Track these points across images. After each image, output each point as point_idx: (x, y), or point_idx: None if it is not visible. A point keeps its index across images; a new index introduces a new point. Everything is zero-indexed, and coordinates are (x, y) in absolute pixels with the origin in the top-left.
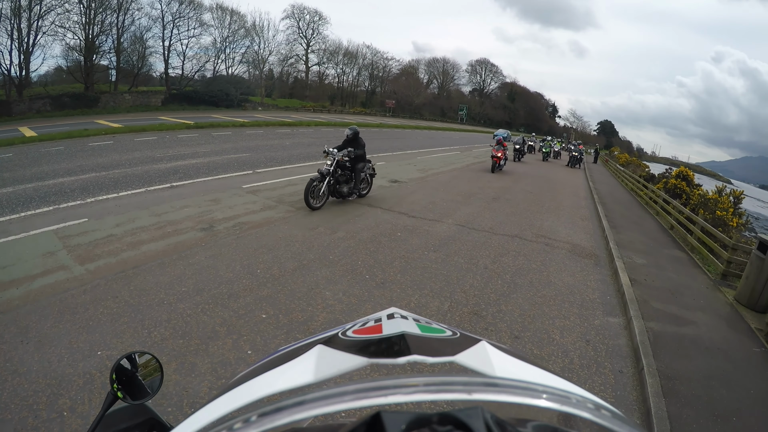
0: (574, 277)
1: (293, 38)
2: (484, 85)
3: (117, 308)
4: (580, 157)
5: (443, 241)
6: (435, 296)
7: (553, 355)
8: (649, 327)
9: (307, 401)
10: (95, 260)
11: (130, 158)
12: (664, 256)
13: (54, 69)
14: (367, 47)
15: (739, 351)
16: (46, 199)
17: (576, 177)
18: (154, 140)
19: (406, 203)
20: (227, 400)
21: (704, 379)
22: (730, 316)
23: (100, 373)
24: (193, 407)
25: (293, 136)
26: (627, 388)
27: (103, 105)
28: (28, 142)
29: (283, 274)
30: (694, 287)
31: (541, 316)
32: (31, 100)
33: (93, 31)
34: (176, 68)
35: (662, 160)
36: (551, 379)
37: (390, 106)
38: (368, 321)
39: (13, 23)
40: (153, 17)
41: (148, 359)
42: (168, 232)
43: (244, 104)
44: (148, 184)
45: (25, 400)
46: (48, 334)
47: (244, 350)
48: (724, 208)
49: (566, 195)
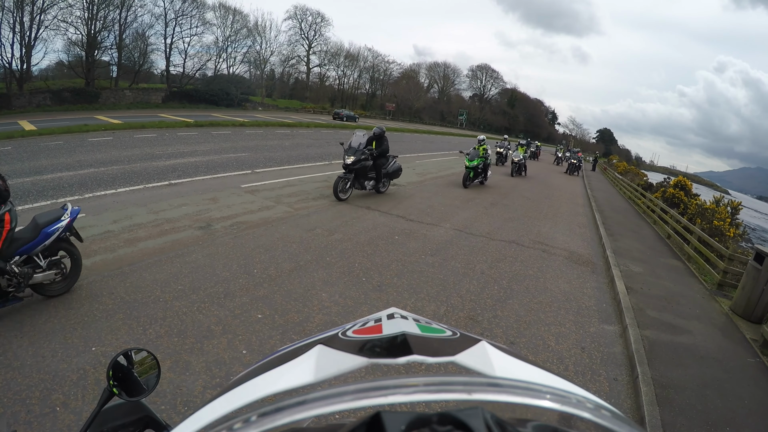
0: (571, 284)
1: (295, 39)
2: (485, 90)
3: (112, 304)
4: (578, 164)
5: (440, 246)
6: (431, 300)
7: (548, 362)
8: (645, 335)
9: (307, 401)
10: (92, 256)
11: (129, 155)
12: (661, 265)
13: (55, 63)
14: (369, 50)
15: (733, 361)
16: (44, 193)
17: (574, 184)
18: (154, 137)
19: (403, 207)
20: (227, 400)
21: (699, 388)
22: (725, 325)
23: (94, 369)
24: (186, 405)
25: (293, 137)
26: (621, 395)
27: (104, 101)
28: (28, 135)
29: (279, 274)
30: (690, 296)
31: (537, 322)
32: (32, 94)
33: (95, 26)
34: (177, 66)
35: (660, 170)
36: (551, 379)
37: (390, 110)
38: (368, 321)
39: (15, 16)
40: (156, 14)
41: (145, 356)
42: (165, 230)
43: (245, 104)
44: (147, 181)
45: (18, 394)
46: (42, 328)
47: (239, 350)
48: (721, 218)
49: (564, 202)
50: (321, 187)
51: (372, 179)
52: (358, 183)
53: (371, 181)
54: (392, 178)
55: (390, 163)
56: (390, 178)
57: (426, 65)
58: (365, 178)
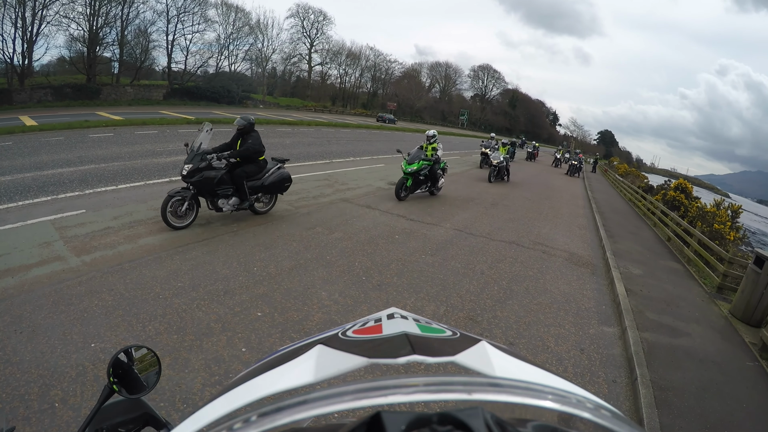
0: (571, 285)
1: (297, 37)
2: (486, 90)
3: (112, 301)
4: (579, 166)
5: (440, 245)
6: (431, 300)
7: (547, 363)
8: (644, 337)
9: (307, 401)
10: (92, 252)
11: (130, 151)
12: (661, 267)
13: (57, 59)
14: (371, 49)
15: (732, 364)
16: (45, 189)
17: (575, 185)
18: (155, 134)
19: (404, 206)
20: (227, 399)
21: (697, 391)
22: (724, 329)
23: (93, 366)
24: (185, 403)
25: (293, 135)
26: (620, 398)
27: (105, 97)
28: (29, 131)
29: (279, 272)
30: (690, 299)
31: (537, 323)
32: (33, 89)
33: (97, 22)
34: (179, 63)
35: (661, 172)
36: (551, 379)
37: (391, 109)
38: (368, 321)
39: (17, 11)
40: (158, 11)
41: (146, 353)
42: (165, 227)
43: (246, 101)
44: (147, 178)
45: (17, 390)
46: (42, 324)
47: (239, 348)
48: (721, 222)
49: (564, 203)
50: (321, 185)
51: (230, 195)
52: (210, 202)
53: (231, 199)
54: (274, 191)
55: (268, 172)
56: (270, 191)
57: (428, 65)
58: (216, 196)
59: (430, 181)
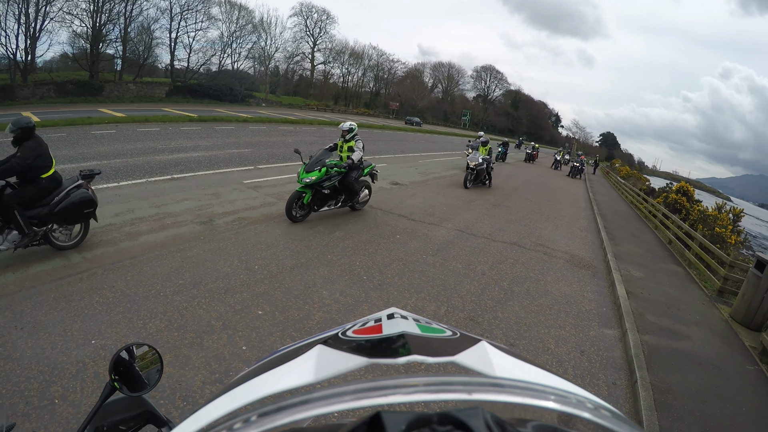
0: (571, 287)
1: (300, 36)
2: (489, 91)
3: (113, 298)
4: (581, 167)
5: (442, 246)
6: (432, 300)
7: (547, 365)
8: (644, 340)
9: (307, 401)
10: (92, 249)
11: (131, 148)
12: (662, 270)
13: (59, 55)
14: (373, 48)
15: (732, 368)
16: None
17: (576, 187)
18: (157, 131)
19: (405, 206)
20: (227, 399)
21: (697, 395)
22: (724, 332)
23: (94, 362)
24: (185, 400)
25: (296, 134)
26: (620, 400)
27: (107, 94)
28: None
29: (280, 271)
30: (690, 302)
31: (537, 324)
32: (36, 85)
33: (100, 19)
34: (182, 61)
35: (663, 175)
36: (551, 379)
37: (393, 108)
38: (368, 321)
39: (20, 7)
40: (161, 8)
41: (148, 351)
42: (167, 224)
43: (248, 100)
44: (149, 175)
45: (17, 386)
46: (42, 320)
47: (239, 346)
48: (723, 225)
49: (566, 205)
50: None
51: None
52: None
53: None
54: (69, 220)
55: (59, 194)
56: (64, 221)
57: (430, 65)
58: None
59: (345, 193)
